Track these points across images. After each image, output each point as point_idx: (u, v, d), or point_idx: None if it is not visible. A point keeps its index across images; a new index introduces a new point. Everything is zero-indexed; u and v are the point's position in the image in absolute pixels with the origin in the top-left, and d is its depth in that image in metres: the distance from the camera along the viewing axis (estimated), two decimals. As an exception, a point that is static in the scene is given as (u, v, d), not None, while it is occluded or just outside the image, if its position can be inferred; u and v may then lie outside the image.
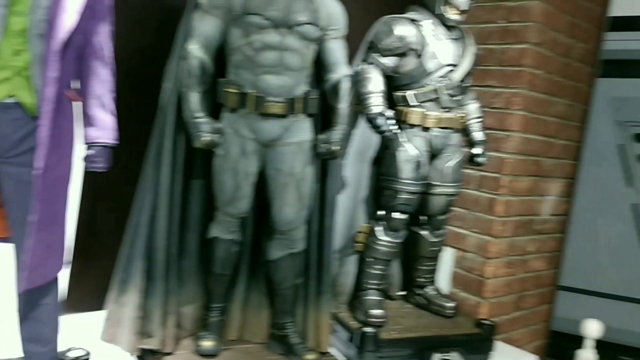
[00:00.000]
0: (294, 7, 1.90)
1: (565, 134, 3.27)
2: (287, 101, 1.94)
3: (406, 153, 2.42)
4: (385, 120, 2.29)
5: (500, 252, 3.05)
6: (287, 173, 2.01)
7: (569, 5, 3.01)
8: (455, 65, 2.43)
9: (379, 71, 2.39)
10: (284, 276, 2.13)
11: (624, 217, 3.16)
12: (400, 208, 2.45)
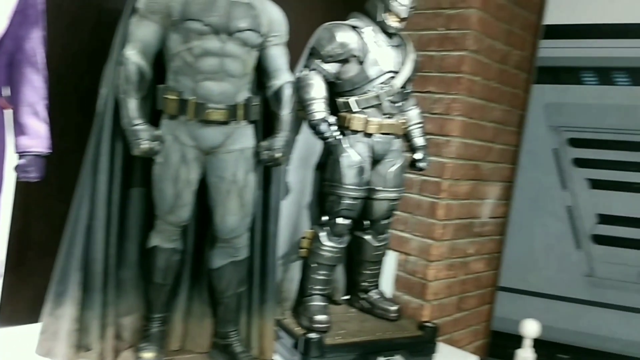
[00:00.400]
0: (234, 13, 1.88)
1: (503, 139, 3.37)
2: (228, 108, 1.92)
3: (349, 159, 2.43)
4: (328, 127, 2.30)
5: (442, 254, 3.11)
6: (230, 180, 1.99)
7: (505, 14, 3.10)
8: (396, 72, 2.46)
9: (321, 77, 2.39)
10: (226, 284, 2.11)
11: (559, 219, 3.27)
12: (344, 213, 2.46)
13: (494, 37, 3.07)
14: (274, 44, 2.03)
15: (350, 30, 2.41)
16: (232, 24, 1.87)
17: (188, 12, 1.83)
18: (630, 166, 3.06)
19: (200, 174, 1.98)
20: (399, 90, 2.47)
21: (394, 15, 2.40)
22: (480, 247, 3.40)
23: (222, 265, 2.09)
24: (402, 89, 2.49)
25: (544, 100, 3.29)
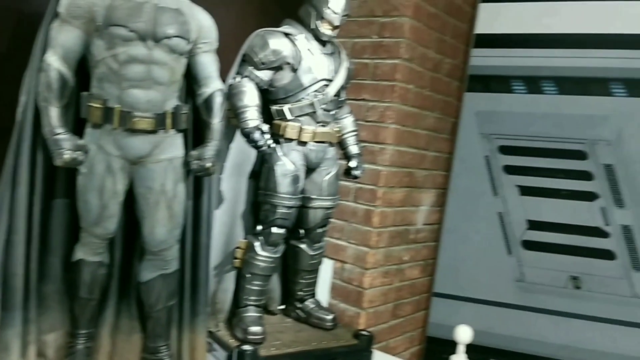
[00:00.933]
0: (161, 19, 1.85)
1: (436, 146, 3.44)
2: (156, 116, 1.89)
3: (283, 167, 2.43)
4: (262, 135, 2.28)
5: (377, 262, 3.15)
6: (158, 191, 1.95)
7: (437, 23, 3.18)
8: (330, 80, 2.48)
9: (254, 85, 2.38)
10: (156, 298, 2.07)
11: (491, 225, 3.37)
12: (279, 222, 2.46)
13: (427, 46, 3.14)
14: (204, 51, 2.01)
15: (283, 37, 2.41)
16: (159, 30, 1.84)
17: (112, 18, 1.79)
18: (558, 173, 3.18)
19: (127, 185, 1.93)
20: (333, 98, 2.49)
21: (327, 23, 2.41)
22: (415, 254, 3.46)
23: (151, 279, 2.05)
24: (336, 96, 2.51)
25: (475, 108, 3.38)
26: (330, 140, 2.55)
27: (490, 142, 3.35)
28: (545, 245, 3.23)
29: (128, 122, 1.85)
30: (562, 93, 3.14)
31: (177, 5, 1.91)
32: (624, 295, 3.04)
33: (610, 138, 3.04)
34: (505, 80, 3.27)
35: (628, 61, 2.96)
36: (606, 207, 3.06)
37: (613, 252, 3.07)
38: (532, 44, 3.19)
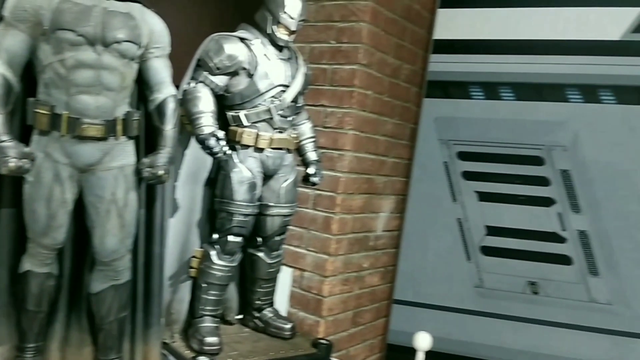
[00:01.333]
0: (111, 24, 1.83)
1: (396, 152, 3.47)
2: (106, 123, 1.86)
3: (240, 174, 2.42)
4: (217, 141, 2.27)
5: (337, 269, 3.16)
6: (109, 200, 1.92)
7: (395, 28, 3.21)
8: (287, 86, 2.48)
9: (209, 90, 2.37)
10: (107, 310, 2.04)
11: (451, 231, 3.41)
12: (235, 231, 2.45)
13: (385, 51, 3.17)
14: (156, 56, 1.99)
15: (239, 42, 2.40)
16: (108, 35, 1.82)
17: (60, 21, 1.76)
18: (515, 179, 3.24)
19: (76, 194, 1.90)
20: (290, 104, 2.50)
21: (284, 28, 2.42)
22: (375, 261, 3.48)
23: (102, 290, 2.02)
24: (293, 102, 2.52)
25: (434, 114, 3.42)
26: (288, 146, 2.56)
27: (449, 148, 3.39)
28: (504, 250, 3.28)
29: (77, 129, 1.82)
30: (519, 99, 3.20)
31: (127, 9, 1.89)
32: (580, 300, 3.11)
33: (567, 144, 3.11)
34: (464, 86, 3.32)
35: (583, 67, 3.04)
36: (563, 213, 3.13)
37: (570, 257, 3.14)
38: (489, 50, 3.25)
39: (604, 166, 3.04)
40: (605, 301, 3.06)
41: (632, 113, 2.95)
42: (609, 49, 2.97)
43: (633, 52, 2.93)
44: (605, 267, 3.05)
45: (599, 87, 3.01)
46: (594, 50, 3.00)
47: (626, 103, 2.96)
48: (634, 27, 2.93)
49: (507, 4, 3.20)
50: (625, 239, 3.01)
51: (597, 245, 3.06)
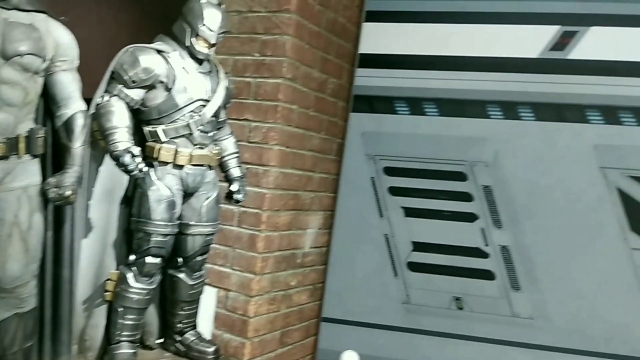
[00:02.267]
0: (11, 35, 1.75)
1: (323, 168, 3.47)
2: (7, 141, 1.78)
3: (158, 192, 2.38)
4: (132, 158, 2.21)
5: (263, 288, 3.12)
6: (11, 222, 1.84)
7: (321, 41, 3.22)
8: (207, 100, 2.44)
9: (125, 104, 2.31)
10: (11, 339, 1.95)
11: (378, 247, 3.42)
12: (153, 251, 2.40)
13: (310, 65, 3.17)
14: (63, 69, 1.92)
15: (156, 54, 2.36)
16: (9, 47, 1.74)
17: (-47, 33, 1.68)
18: (440, 194, 3.29)
19: (-27, 216, 1.80)
20: (211, 119, 2.47)
21: (203, 41, 2.39)
22: (303, 279, 3.46)
23: (5, 318, 1.93)
24: (214, 117, 2.49)
25: (361, 129, 3.44)
26: (209, 163, 2.52)
27: (375, 163, 3.42)
28: (430, 266, 3.32)
29: (-25, 148, 1.73)
30: (442, 115, 3.26)
31: (30, 20, 1.81)
32: (503, 315, 3.18)
33: (488, 160, 3.19)
34: (389, 101, 3.36)
35: (503, 84, 3.12)
36: (485, 228, 3.20)
37: (492, 272, 3.20)
38: (413, 65, 3.30)
39: (523, 182, 3.13)
40: (527, 316, 3.14)
41: (550, 129, 3.06)
42: (528, 66, 3.07)
43: (551, 69, 3.04)
44: (527, 281, 3.13)
45: (518, 104, 3.11)
46: (514, 67, 3.09)
47: (544, 120, 3.06)
48: (552, 45, 3.04)
49: (431, 19, 3.26)
50: (545, 253, 3.09)
51: (518, 260, 3.14)
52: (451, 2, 3.23)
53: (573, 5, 2.99)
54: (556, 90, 3.01)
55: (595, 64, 2.96)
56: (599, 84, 2.94)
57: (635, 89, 2.88)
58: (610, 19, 2.93)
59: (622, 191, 2.94)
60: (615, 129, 2.94)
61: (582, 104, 2.98)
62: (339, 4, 3.32)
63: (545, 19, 3.03)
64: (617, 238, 2.95)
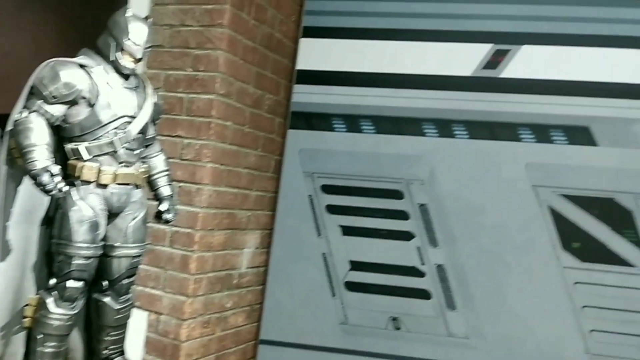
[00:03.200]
0: None
1: (260, 185, 3.44)
2: None
3: (80, 213, 2.31)
4: (51, 177, 2.14)
5: (196, 311, 3.06)
6: None
7: (256, 57, 3.20)
8: (133, 117, 2.39)
9: (44, 120, 2.23)
10: None
11: (316, 267, 3.40)
12: (75, 275, 2.33)
13: (245, 81, 3.14)
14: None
15: (78, 68, 2.29)
16: None
17: None
18: (377, 213, 3.29)
19: None
20: (137, 136, 2.41)
21: (128, 55, 2.33)
22: (239, 300, 3.41)
23: None
24: (141, 134, 2.43)
25: (299, 146, 3.43)
26: (135, 182, 2.46)
27: (313, 181, 3.41)
28: (367, 286, 3.32)
29: None
30: (379, 132, 3.28)
31: None
32: (440, 335, 3.19)
33: (424, 177, 3.21)
34: (327, 117, 3.36)
35: (437, 102, 3.17)
36: (421, 247, 3.22)
37: (429, 291, 3.22)
38: (350, 81, 3.31)
39: (458, 200, 3.16)
40: (463, 335, 3.16)
41: (484, 148, 3.11)
42: (462, 85, 3.12)
43: (484, 87, 3.09)
44: (462, 301, 3.16)
45: (452, 122, 3.15)
46: (448, 85, 3.14)
47: (478, 138, 3.11)
48: (485, 63, 3.10)
49: (368, 36, 3.29)
50: (479, 272, 3.13)
51: (453, 279, 3.17)
52: (387, 19, 3.26)
53: (506, 24, 3.07)
54: (489, 109, 3.08)
55: (527, 82, 3.03)
56: (531, 103, 3.02)
57: (565, 107, 2.97)
58: (542, 38, 3.02)
59: (554, 209, 3.01)
60: (546, 147, 3.01)
61: (515, 122, 3.06)
62: (275, 19, 3.31)
63: (478, 37, 3.10)
64: (549, 256, 3.01)
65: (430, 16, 3.19)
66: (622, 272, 2.92)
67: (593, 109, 2.93)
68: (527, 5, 3.05)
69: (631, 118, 2.90)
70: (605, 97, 2.92)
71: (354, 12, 3.31)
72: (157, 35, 3.05)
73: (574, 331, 2.98)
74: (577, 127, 2.96)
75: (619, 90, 2.91)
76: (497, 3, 3.09)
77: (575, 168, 2.97)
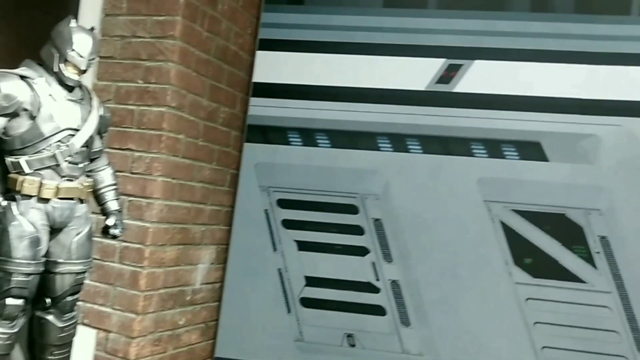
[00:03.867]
0: None
1: (215, 199, 3.40)
2: None
3: (20, 228, 2.25)
4: (-11, 192, 2.09)
5: (146, 329, 3.00)
6: None
7: (210, 69, 3.17)
8: (77, 130, 2.34)
9: (-17, 133, 2.18)
10: None
11: (272, 283, 3.36)
12: (15, 292, 2.26)
13: (199, 93, 3.11)
14: None
15: (19, 80, 2.25)
16: None
17: None
18: (332, 227, 3.27)
19: None
20: (81, 149, 2.36)
21: (72, 67, 2.29)
22: (193, 317, 3.35)
23: None
24: (85, 147, 2.38)
25: (255, 159, 3.40)
26: (79, 196, 2.42)
27: (269, 195, 3.38)
28: (322, 302, 3.29)
29: None
30: (334, 146, 3.26)
31: None
32: (394, 352, 3.17)
33: (378, 192, 3.20)
34: (282, 131, 3.34)
35: (392, 116, 3.16)
36: (376, 262, 3.20)
37: (383, 307, 3.20)
38: (306, 95, 3.30)
39: (412, 215, 3.16)
40: (417, 352, 3.14)
41: (437, 162, 3.11)
42: (416, 99, 3.13)
43: (437, 102, 3.11)
44: (416, 317, 3.14)
45: (406, 137, 3.15)
46: (402, 99, 3.14)
47: (431, 153, 3.12)
48: (438, 78, 3.12)
49: (324, 50, 3.28)
50: (433, 288, 3.12)
51: (408, 295, 3.15)
52: (343, 32, 3.27)
53: (459, 39, 3.08)
54: (442, 123, 3.09)
55: (479, 97, 3.05)
56: (483, 118, 3.04)
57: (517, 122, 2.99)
58: (494, 53, 3.04)
59: (506, 225, 3.02)
60: (498, 163, 3.03)
61: (467, 137, 3.07)
62: (230, 32, 3.29)
63: (432, 51, 3.11)
64: (501, 272, 3.02)
65: (384, 30, 3.19)
66: (573, 288, 2.94)
67: (544, 124, 2.95)
68: (479, 20, 3.07)
69: (581, 133, 2.93)
70: (555, 113, 2.95)
71: (310, 25, 3.31)
72: (108, 47, 3.03)
73: (526, 348, 2.99)
74: (528, 142, 2.99)
75: (569, 105, 2.94)
76: (450, 18, 3.11)
77: (526, 183, 2.99)
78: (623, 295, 2.88)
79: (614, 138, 2.89)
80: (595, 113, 2.91)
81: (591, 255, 2.92)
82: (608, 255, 2.90)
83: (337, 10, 3.29)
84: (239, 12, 3.36)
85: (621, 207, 2.89)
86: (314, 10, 3.34)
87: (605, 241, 2.91)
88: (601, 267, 2.91)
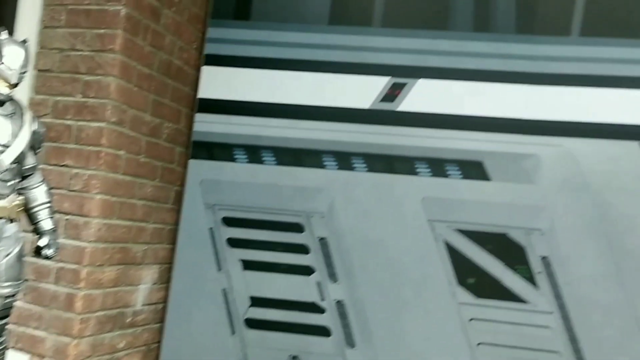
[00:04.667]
0: None
1: (158, 217, 3.33)
2: None
3: (-56, 249, 2.16)
4: None
5: (82, 353, 2.90)
6: None
7: (153, 84, 3.12)
8: (6, 146, 2.26)
9: None
10: None
11: (216, 303, 3.30)
12: (-62, 317, 2.16)
13: (141, 109, 3.05)
14: None
15: (-53, 93, 2.16)
16: None
17: None
18: (277, 246, 3.24)
19: None
20: (11, 166, 2.27)
21: (2, 80, 2.22)
22: (134, 339, 3.26)
23: None
24: (16, 164, 2.30)
25: (200, 176, 3.34)
26: (9, 215, 2.32)
27: (214, 213, 3.32)
28: (267, 323, 3.23)
29: None
30: (280, 164, 3.23)
31: None
32: (339, 374, 3.16)
33: (324, 210, 3.18)
34: (228, 148, 3.30)
35: (337, 134, 3.16)
36: (321, 282, 3.17)
37: (328, 328, 3.17)
38: (251, 111, 3.27)
39: (357, 234, 3.14)
40: (362, 374, 3.13)
41: (381, 181, 3.11)
42: (360, 117, 3.13)
43: (381, 120, 3.11)
44: (361, 337, 3.11)
45: (351, 155, 3.14)
46: (347, 117, 3.14)
47: (376, 171, 3.12)
48: (383, 96, 3.12)
49: (269, 66, 3.26)
50: (378, 308, 3.10)
51: (353, 315, 3.13)
52: (288, 49, 3.25)
53: (403, 57, 3.10)
54: (387, 142, 3.09)
55: (422, 116, 3.07)
56: (427, 137, 3.05)
57: (460, 141, 3.02)
58: (437, 72, 3.06)
59: (449, 244, 3.03)
60: (442, 182, 3.04)
61: (411, 156, 3.07)
62: (174, 46, 3.25)
63: (376, 69, 3.12)
64: (445, 292, 3.02)
65: (330, 47, 3.19)
66: (515, 308, 2.96)
67: (486, 144, 2.98)
68: (423, 39, 3.09)
69: (522, 153, 2.97)
70: (497, 132, 2.99)
71: (256, 41, 3.28)
72: (46, 60, 2.96)
73: (470, 369, 3.00)
74: (471, 162, 3.01)
75: (511, 125, 2.97)
76: (395, 36, 3.13)
77: (469, 203, 3.00)
78: (564, 315, 2.91)
79: (555, 158, 2.93)
80: (536, 133, 2.95)
81: (533, 276, 2.95)
82: (549, 275, 2.92)
83: (283, 26, 3.27)
84: (183, 27, 3.31)
85: (562, 227, 2.93)
86: (260, 26, 3.31)
87: (547, 261, 2.94)
88: (543, 287, 2.93)
